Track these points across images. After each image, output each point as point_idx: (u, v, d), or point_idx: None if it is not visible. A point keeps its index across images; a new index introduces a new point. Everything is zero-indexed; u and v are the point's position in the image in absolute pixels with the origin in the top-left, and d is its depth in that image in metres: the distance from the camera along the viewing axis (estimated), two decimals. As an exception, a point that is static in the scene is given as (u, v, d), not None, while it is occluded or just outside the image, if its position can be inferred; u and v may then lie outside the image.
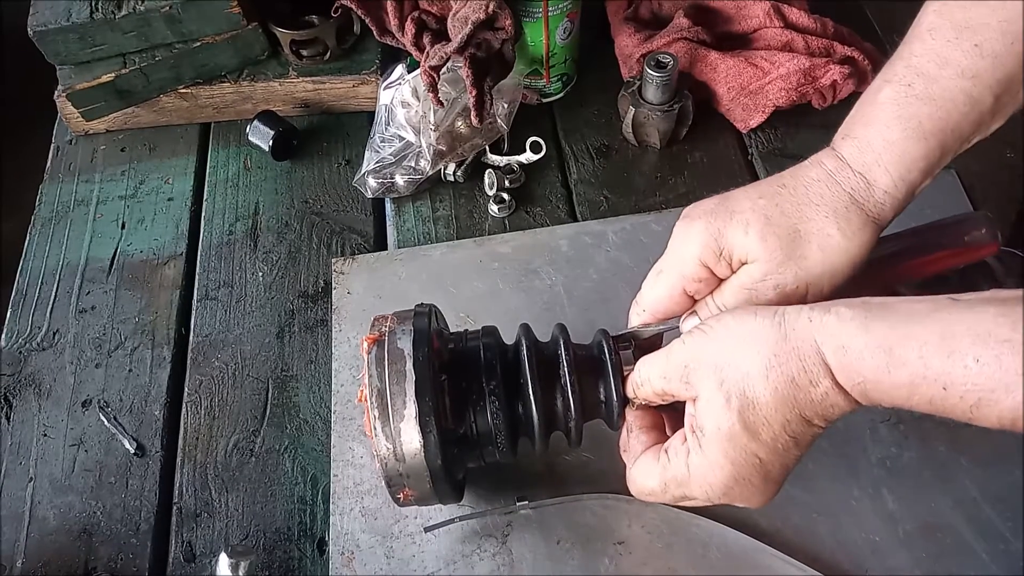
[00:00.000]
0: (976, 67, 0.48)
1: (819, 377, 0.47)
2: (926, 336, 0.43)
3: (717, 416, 0.49)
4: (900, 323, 0.44)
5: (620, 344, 0.60)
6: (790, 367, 0.47)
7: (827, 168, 0.51)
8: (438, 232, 0.90)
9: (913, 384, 0.44)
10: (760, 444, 0.49)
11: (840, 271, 0.51)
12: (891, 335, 0.44)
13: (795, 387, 0.47)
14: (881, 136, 0.50)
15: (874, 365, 0.45)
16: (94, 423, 0.78)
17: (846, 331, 0.46)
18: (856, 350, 0.45)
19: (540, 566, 0.66)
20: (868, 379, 0.45)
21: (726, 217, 0.53)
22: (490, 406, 0.58)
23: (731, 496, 0.51)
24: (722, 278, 0.55)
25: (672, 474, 0.53)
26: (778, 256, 0.51)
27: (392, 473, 0.57)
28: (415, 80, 0.90)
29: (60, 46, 0.92)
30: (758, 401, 0.48)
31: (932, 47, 0.50)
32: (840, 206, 0.50)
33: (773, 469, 0.50)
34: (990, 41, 0.48)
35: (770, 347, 0.48)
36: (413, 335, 0.58)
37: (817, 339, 0.47)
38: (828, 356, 0.46)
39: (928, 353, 0.43)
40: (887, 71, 0.52)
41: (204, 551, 0.71)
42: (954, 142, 0.50)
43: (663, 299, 0.57)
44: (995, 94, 0.49)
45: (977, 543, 0.66)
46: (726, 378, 0.49)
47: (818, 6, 0.98)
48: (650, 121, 0.92)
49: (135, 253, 0.90)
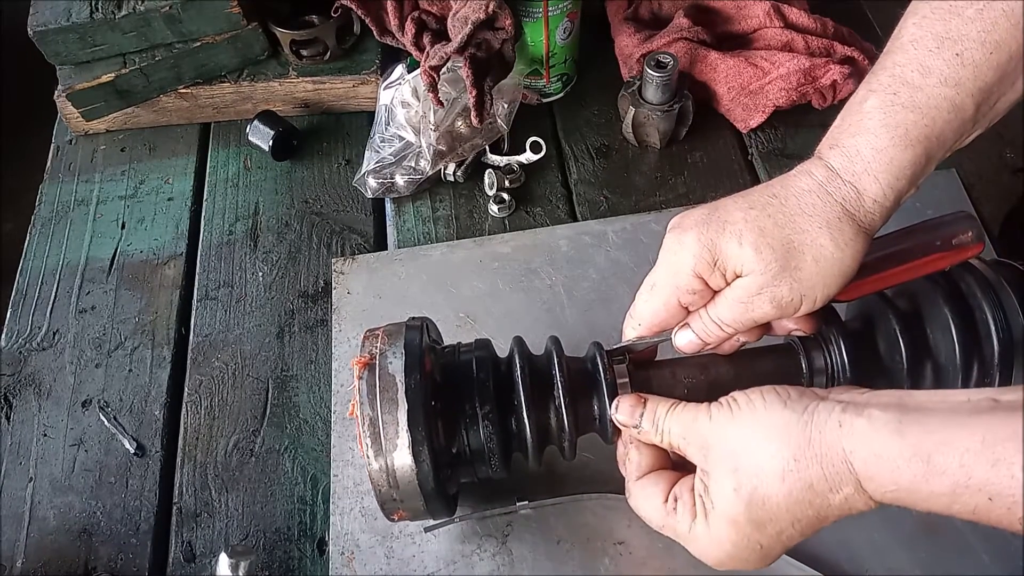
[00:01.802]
0: (958, 76, 0.49)
1: (840, 485, 0.46)
2: (967, 443, 0.41)
3: (726, 500, 0.49)
4: (938, 427, 0.42)
5: (615, 359, 0.59)
6: (810, 473, 0.46)
7: (817, 178, 0.51)
8: (438, 232, 0.90)
9: (955, 494, 0.42)
10: (764, 536, 0.49)
11: (833, 282, 0.51)
12: (928, 441, 0.42)
13: (812, 492, 0.47)
14: (869, 145, 0.50)
15: (911, 474, 0.43)
16: (94, 423, 0.78)
17: (879, 438, 0.44)
18: (890, 458, 0.43)
19: (540, 566, 0.66)
20: (903, 487, 0.43)
21: (719, 228, 0.52)
22: (483, 429, 0.58)
23: (725, 567, 0.52)
24: (716, 289, 0.54)
25: (673, 525, 0.53)
26: (773, 268, 0.51)
27: (386, 498, 0.58)
28: (415, 80, 0.90)
29: (60, 46, 0.92)
30: (768, 500, 0.48)
31: (915, 56, 0.50)
32: (833, 217, 0.50)
33: (773, 552, 0.50)
34: (970, 51, 0.48)
35: (791, 449, 0.47)
36: (405, 359, 0.57)
37: (846, 447, 0.45)
38: (857, 464, 0.45)
39: (970, 461, 0.41)
40: (871, 81, 0.52)
41: (204, 551, 0.71)
42: (938, 150, 0.51)
43: (659, 312, 0.56)
44: (976, 102, 0.49)
45: (977, 543, 0.66)
46: (741, 467, 0.49)
47: (818, 6, 0.98)
48: (650, 121, 0.92)
49: (135, 253, 0.90)
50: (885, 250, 0.56)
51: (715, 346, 0.57)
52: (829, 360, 0.59)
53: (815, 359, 0.60)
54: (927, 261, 0.56)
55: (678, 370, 0.60)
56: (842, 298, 0.54)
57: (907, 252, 0.56)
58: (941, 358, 0.60)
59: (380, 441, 0.56)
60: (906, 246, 0.56)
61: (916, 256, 0.56)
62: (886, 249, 0.56)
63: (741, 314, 0.53)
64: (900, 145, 0.50)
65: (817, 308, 0.52)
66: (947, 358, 0.59)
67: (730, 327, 0.54)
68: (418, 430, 0.55)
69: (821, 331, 0.61)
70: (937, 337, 0.60)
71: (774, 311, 0.52)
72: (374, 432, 0.56)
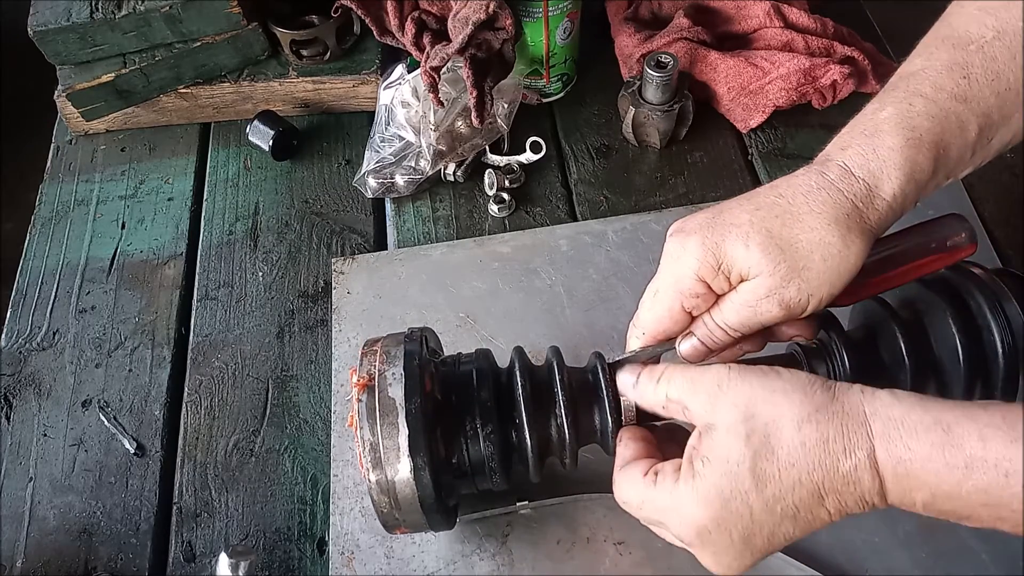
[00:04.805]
0: (966, 94, 0.52)
1: (856, 447, 0.45)
2: (988, 419, 0.43)
3: (730, 448, 0.47)
4: (958, 407, 0.44)
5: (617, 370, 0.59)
6: (828, 428, 0.46)
7: (829, 177, 0.51)
8: (438, 232, 0.90)
9: (970, 468, 0.42)
10: (760, 497, 0.47)
11: (839, 280, 0.51)
12: (949, 414, 0.44)
13: (824, 450, 0.46)
14: (885, 144, 0.51)
15: (929, 441, 0.44)
16: (94, 423, 0.78)
17: (901, 405, 0.45)
18: (910, 424, 0.44)
19: (540, 566, 0.66)
20: (919, 456, 0.44)
21: (723, 231, 0.51)
22: (484, 446, 0.58)
23: (703, 541, 0.49)
24: (719, 294, 0.53)
25: (652, 497, 0.51)
26: (782, 270, 0.50)
27: (389, 518, 0.58)
28: (415, 80, 0.90)
29: (60, 46, 0.92)
30: (779, 450, 0.47)
31: (926, 77, 0.53)
32: (842, 214, 0.50)
33: (758, 534, 0.48)
34: (975, 75, 0.52)
35: (814, 402, 0.47)
36: (404, 382, 0.57)
37: (867, 409, 0.46)
38: (876, 427, 0.45)
39: (990, 435, 0.42)
40: (886, 96, 0.54)
41: (204, 551, 0.71)
42: (945, 163, 0.52)
43: (663, 319, 0.55)
44: (979, 125, 0.52)
45: (977, 543, 0.66)
46: (755, 414, 0.48)
47: (818, 6, 0.98)
48: (650, 121, 0.92)
49: (135, 253, 0.90)
50: (880, 254, 0.56)
51: (719, 353, 0.57)
52: (832, 369, 0.59)
53: (817, 368, 0.59)
54: (922, 263, 0.56)
55: None
56: (839, 302, 0.54)
57: (902, 255, 0.56)
58: (945, 368, 0.60)
59: (381, 465, 0.55)
60: (901, 249, 0.56)
61: (911, 259, 0.56)
62: (881, 253, 0.56)
63: (748, 318, 0.52)
64: (915, 146, 0.50)
65: (821, 308, 0.52)
66: (951, 369, 0.59)
67: (737, 332, 0.54)
68: (419, 456, 0.55)
69: (823, 340, 0.61)
70: (941, 347, 0.60)
71: (782, 313, 0.51)
72: (375, 457, 0.55)
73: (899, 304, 0.63)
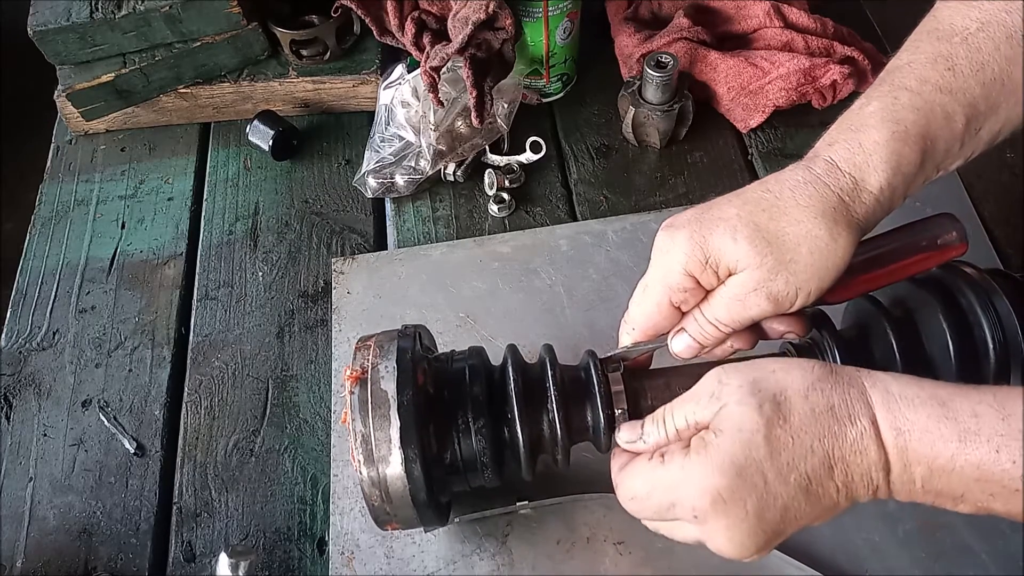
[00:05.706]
0: (951, 85, 0.52)
1: (859, 415, 0.47)
2: (981, 396, 0.45)
3: (743, 417, 0.48)
4: (952, 386, 0.46)
5: (609, 367, 0.59)
6: (832, 396, 0.48)
7: (816, 171, 0.52)
8: (438, 232, 0.90)
9: (963, 440, 0.44)
10: (774, 465, 0.47)
11: (827, 275, 0.51)
12: (944, 390, 0.46)
13: (832, 417, 0.47)
14: (871, 139, 0.51)
15: (926, 413, 0.45)
16: (94, 423, 0.78)
17: (897, 382, 0.47)
18: (908, 398, 0.46)
19: (540, 566, 0.66)
20: (916, 427, 0.45)
21: (711, 225, 0.52)
22: (476, 442, 0.58)
23: (716, 511, 0.47)
24: (708, 288, 0.54)
25: (661, 476, 0.50)
26: (769, 263, 0.50)
27: (379, 511, 0.58)
28: (415, 80, 0.90)
29: (60, 46, 0.92)
30: (791, 416, 0.47)
31: (911, 71, 0.54)
32: (828, 207, 0.50)
33: (771, 507, 0.47)
34: (960, 67, 0.53)
35: (816, 373, 0.49)
36: (397, 375, 0.57)
37: (866, 383, 0.48)
38: (875, 398, 0.47)
39: (983, 411, 0.44)
40: (870, 93, 0.54)
41: (204, 551, 0.71)
42: (932, 155, 0.52)
43: (652, 315, 0.56)
44: (965, 116, 0.52)
45: (976, 543, 0.66)
46: (763, 388, 0.49)
47: (818, 6, 0.98)
48: (650, 121, 0.92)
49: (135, 253, 0.90)
50: (871, 252, 0.56)
51: (711, 349, 0.57)
52: None
53: None
54: (913, 262, 0.56)
55: (672, 379, 0.60)
56: (830, 299, 0.54)
57: (893, 253, 0.56)
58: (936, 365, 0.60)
59: (372, 457, 0.56)
60: (892, 247, 0.56)
61: (902, 257, 0.56)
62: (872, 251, 0.56)
63: (737, 312, 0.53)
64: (900, 139, 0.51)
65: (810, 302, 0.52)
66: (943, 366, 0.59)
67: (727, 326, 0.54)
68: (411, 448, 0.55)
69: (815, 338, 0.61)
70: (932, 344, 0.60)
71: (770, 307, 0.52)
72: (367, 449, 0.56)
73: (890, 302, 0.63)
